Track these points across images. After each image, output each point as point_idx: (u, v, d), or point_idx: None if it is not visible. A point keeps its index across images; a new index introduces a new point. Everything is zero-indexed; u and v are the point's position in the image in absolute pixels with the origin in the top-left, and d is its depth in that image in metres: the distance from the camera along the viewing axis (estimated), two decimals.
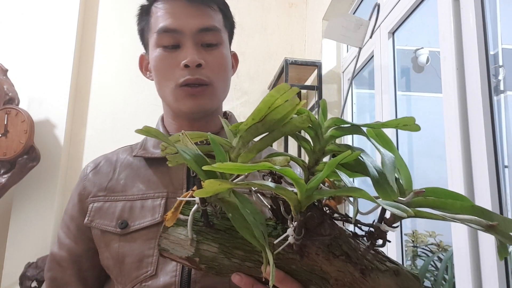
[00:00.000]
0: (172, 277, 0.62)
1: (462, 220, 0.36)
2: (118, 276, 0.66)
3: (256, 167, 0.36)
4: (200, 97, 0.71)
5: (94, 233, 0.69)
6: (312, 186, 0.36)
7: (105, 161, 0.76)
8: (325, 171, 0.36)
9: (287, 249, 0.40)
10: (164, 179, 0.70)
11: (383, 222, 0.39)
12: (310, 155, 0.43)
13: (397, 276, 0.39)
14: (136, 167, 0.73)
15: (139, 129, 0.43)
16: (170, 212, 0.43)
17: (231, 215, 0.40)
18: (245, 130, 0.41)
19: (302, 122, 0.41)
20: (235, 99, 2.44)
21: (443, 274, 1.45)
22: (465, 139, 1.00)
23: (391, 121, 0.41)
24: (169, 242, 0.43)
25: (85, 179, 0.74)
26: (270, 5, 2.65)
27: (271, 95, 0.39)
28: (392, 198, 0.37)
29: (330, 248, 0.40)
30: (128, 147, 0.79)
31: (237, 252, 0.42)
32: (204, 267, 0.43)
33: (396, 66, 1.58)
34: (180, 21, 0.70)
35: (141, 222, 0.66)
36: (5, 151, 2.03)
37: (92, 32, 2.49)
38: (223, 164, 0.35)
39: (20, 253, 2.06)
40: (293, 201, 0.38)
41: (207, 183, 0.35)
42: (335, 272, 0.39)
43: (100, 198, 0.71)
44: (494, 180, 0.92)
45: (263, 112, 0.40)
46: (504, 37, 1.14)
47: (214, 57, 0.72)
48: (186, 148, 0.40)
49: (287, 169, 0.35)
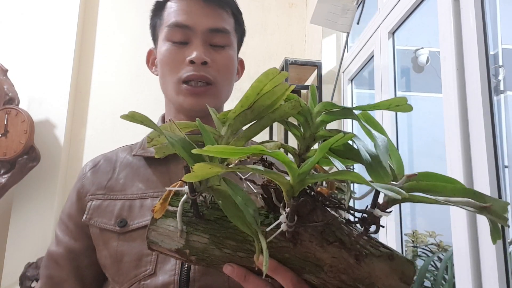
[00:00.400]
0: (171, 276, 0.62)
1: (456, 202, 0.35)
2: (116, 275, 0.65)
3: (247, 151, 0.34)
4: (203, 96, 0.71)
5: (93, 231, 0.69)
6: (304, 170, 0.35)
7: (104, 160, 0.76)
8: (318, 154, 0.35)
9: (280, 237, 0.39)
10: (163, 179, 0.70)
11: (376, 207, 0.39)
12: (301, 141, 0.42)
13: (391, 260, 0.39)
14: (135, 166, 0.73)
15: (124, 115, 0.42)
16: (159, 204, 0.42)
17: (222, 203, 0.38)
18: (234, 118, 0.40)
19: (292, 108, 0.40)
20: (235, 99, 2.42)
21: (443, 274, 1.45)
22: (465, 139, 1.00)
23: (383, 101, 0.40)
24: (157, 235, 0.42)
25: (84, 178, 0.74)
26: (270, 5, 2.65)
27: (259, 80, 0.38)
28: (385, 181, 0.36)
29: (323, 235, 0.39)
30: (128, 147, 0.79)
31: (228, 242, 0.41)
32: (195, 259, 0.42)
33: (396, 66, 1.58)
34: (193, 18, 0.71)
35: (140, 221, 0.66)
36: (5, 151, 2.03)
37: (92, 32, 2.49)
38: (213, 147, 0.33)
39: (20, 253, 2.06)
40: (285, 185, 0.37)
41: (197, 167, 0.33)
42: (330, 258, 0.39)
43: (99, 196, 0.71)
44: (494, 180, 0.92)
45: (252, 99, 0.39)
46: (504, 37, 1.14)
47: (221, 57, 0.73)
48: (174, 135, 0.39)
49: (279, 152, 0.34)
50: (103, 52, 2.47)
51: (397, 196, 0.33)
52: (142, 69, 2.35)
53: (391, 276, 0.38)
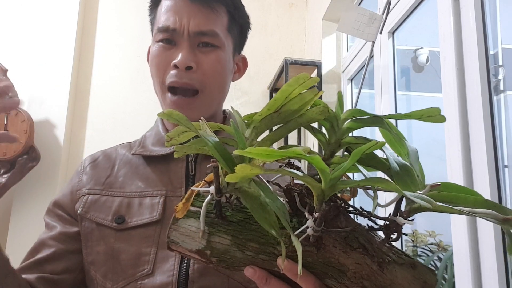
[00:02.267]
0: (169, 277, 0.61)
1: (479, 214, 0.36)
2: (109, 272, 0.64)
3: (286, 153, 0.35)
4: (188, 109, 0.69)
5: (86, 225, 0.68)
6: (336, 176, 0.36)
7: (103, 156, 0.76)
8: (351, 160, 0.35)
9: (303, 242, 0.39)
10: (163, 178, 0.69)
11: (398, 215, 0.39)
12: (326, 147, 0.42)
13: (414, 269, 0.39)
14: (135, 164, 0.73)
15: (161, 112, 0.42)
16: (181, 203, 0.42)
17: (249, 205, 0.38)
18: (259, 120, 0.40)
19: (319, 113, 0.39)
20: (235, 99, 2.44)
21: (443, 273, 1.45)
22: (465, 139, 1.00)
23: (415, 112, 0.40)
24: (179, 234, 0.42)
25: (83, 172, 0.74)
26: (270, 5, 2.65)
27: (289, 84, 0.38)
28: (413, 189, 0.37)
29: (347, 240, 0.39)
30: (127, 144, 0.78)
31: (250, 244, 0.40)
32: (215, 260, 0.42)
33: (396, 66, 1.58)
34: (179, 21, 0.69)
35: (139, 219, 0.66)
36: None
37: (92, 32, 2.49)
38: (255, 148, 0.33)
39: (20, 253, 2.06)
40: (317, 190, 0.37)
41: (239, 168, 0.34)
42: (353, 264, 0.39)
43: (97, 192, 0.70)
44: (494, 180, 0.92)
45: (280, 102, 0.39)
46: (503, 37, 1.14)
47: (208, 60, 0.70)
48: (207, 135, 0.39)
49: (315, 156, 0.34)
50: (103, 52, 2.47)
51: (428, 205, 0.34)
52: (142, 69, 2.35)
53: (413, 284, 0.39)
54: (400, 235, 0.40)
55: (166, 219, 0.66)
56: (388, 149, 0.40)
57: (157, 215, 0.65)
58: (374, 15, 0.93)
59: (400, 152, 0.42)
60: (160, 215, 0.65)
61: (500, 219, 0.35)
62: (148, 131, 0.79)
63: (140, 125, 2.40)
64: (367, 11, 0.92)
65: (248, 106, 2.46)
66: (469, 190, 0.39)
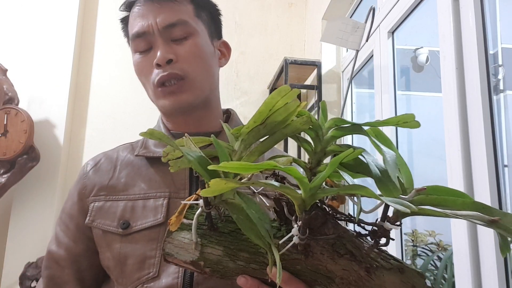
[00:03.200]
0: (175, 279, 0.62)
1: (465, 216, 0.36)
2: (119, 277, 0.65)
3: (261, 166, 0.36)
4: (178, 93, 0.70)
5: (95, 233, 0.69)
6: (315, 185, 0.37)
7: (105, 159, 0.76)
8: (328, 169, 0.36)
9: (292, 250, 0.40)
10: (166, 179, 0.69)
11: (386, 220, 0.40)
12: (312, 156, 0.43)
13: (402, 273, 0.40)
14: (137, 166, 0.72)
15: (143, 132, 0.43)
16: (174, 217, 0.43)
17: (235, 217, 0.40)
18: (247, 133, 0.41)
19: (303, 123, 0.41)
20: (235, 99, 2.44)
21: (442, 273, 1.45)
22: (464, 138, 1.00)
23: (391, 118, 0.41)
24: (173, 247, 0.43)
25: (85, 177, 0.74)
26: (270, 5, 2.65)
27: (272, 97, 0.39)
28: (394, 194, 0.37)
29: (334, 247, 0.40)
30: (129, 145, 0.78)
31: (242, 254, 0.42)
32: (209, 271, 0.43)
33: (395, 65, 1.58)
34: (146, 22, 0.70)
35: (143, 222, 0.66)
36: (4, 151, 2.03)
37: (92, 32, 2.49)
38: (229, 163, 0.35)
39: (20, 253, 2.06)
40: (297, 200, 0.38)
41: (213, 182, 0.35)
42: (340, 271, 0.39)
43: (101, 198, 0.70)
44: (493, 180, 0.92)
45: (265, 115, 0.40)
46: (503, 37, 1.14)
47: (186, 48, 0.71)
48: (190, 151, 0.41)
49: (291, 167, 0.35)
50: (103, 52, 2.47)
51: (406, 210, 0.34)
52: None
53: None
54: (389, 240, 0.40)
55: None
56: (370, 155, 0.40)
57: (161, 217, 0.66)
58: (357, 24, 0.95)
59: None
60: (164, 217, 0.66)
61: (487, 220, 0.35)
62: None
63: (140, 125, 2.40)
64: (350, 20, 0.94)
65: (248, 106, 2.46)
66: (458, 192, 0.39)
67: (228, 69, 2.44)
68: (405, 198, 0.39)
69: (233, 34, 2.52)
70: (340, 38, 0.98)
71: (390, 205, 0.36)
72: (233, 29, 2.54)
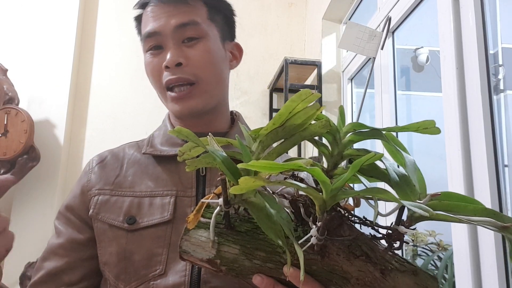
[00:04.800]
0: (182, 277, 0.62)
1: (478, 222, 0.37)
2: (122, 273, 0.64)
3: (287, 166, 0.37)
4: (188, 99, 0.70)
5: (98, 226, 0.68)
6: (337, 186, 0.37)
7: (111, 156, 0.75)
8: (350, 172, 0.37)
9: (308, 250, 0.40)
10: (173, 177, 0.69)
11: (400, 224, 0.40)
12: (329, 159, 0.44)
13: (415, 276, 0.40)
14: (144, 164, 0.72)
15: (171, 130, 0.44)
16: (192, 215, 0.44)
17: (256, 216, 0.40)
18: (265, 135, 0.42)
19: (321, 127, 0.42)
20: (235, 99, 2.44)
21: (443, 273, 1.45)
22: (465, 138, 1.00)
23: (412, 124, 0.42)
24: (190, 244, 0.44)
25: (91, 172, 0.73)
26: (270, 5, 2.65)
27: (292, 100, 0.40)
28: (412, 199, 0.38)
29: (350, 249, 0.41)
30: (135, 143, 0.78)
31: (258, 253, 0.42)
32: (225, 269, 0.43)
33: (396, 65, 1.58)
34: (159, 23, 0.71)
35: (150, 219, 0.65)
36: (5, 151, 2.03)
37: (92, 32, 2.49)
38: (258, 162, 0.36)
39: (20, 253, 2.06)
40: (318, 200, 0.38)
41: (242, 180, 0.36)
42: (356, 272, 0.40)
43: (107, 192, 0.70)
44: (494, 180, 0.92)
45: (284, 117, 0.41)
46: (503, 36, 1.14)
47: (196, 52, 0.70)
48: (216, 150, 0.41)
49: (316, 168, 0.36)
50: (103, 52, 2.47)
51: (425, 214, 0.35)
52: (142, 69, 2.34)
53: None
54: (403, 243, 0.41)
55: (177, 219, 0.66)
56: (388, 160, 0.42)
57: (168, 215, 0.65)
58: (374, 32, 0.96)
59: (402, 162, 0.44)
60: (171, 215, 0.65)
61: (499, 226, 0.36)
62: (156, 131, 0.79)
63: (140, 125, 2.40)
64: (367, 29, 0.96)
65: (248, 105, 2.46)
66: (470, 199, 0.40)
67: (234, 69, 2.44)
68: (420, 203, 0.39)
69: None
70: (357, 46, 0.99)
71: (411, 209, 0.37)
72: None
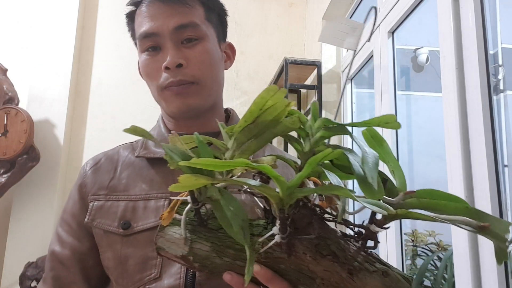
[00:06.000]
0: (177, 280, 0.61)
1: (453, 221, 0.36)
2: (119, 277, 0.65)
3: (233, 163, 0.36)
4: (187, 96, 0.70)
5: (96, 232, 0.68)
6: (293, 184, 0.37)
7: (105, 159, 0.75)
8: (305, 170, 0.36)
9: (276, 248, 0.40)
10: (167, 180, 0.69)
11: (373, 222, 0.39)
12: (302, 155, 0.44)
13: (385, 277, 0.39)
14: (138, 166, 0.72)
15: (126, 128, 0.43)
16: (166, 212, 0.44)
17: (217, 214, 0.40)
18: (239, 131, 0.42)
19: (292, 123, 0.41)
20: (235, 99, 2.44)
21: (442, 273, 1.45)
22: (464, 138, 1.00)
23: (373, 119, 0.41)
24: (165, 241, 0.44)
25: (85, 176, 0.73)
26: (270, 5, 2.65)
27: (261, 97, 0.39)
28: (378, 197, 0.37)
29: (317, 247, 0.40)
30: (129, 145, 0.77)
31: (228, 251, 0.42)
32: (198, 266, 0.44)
33: (395, 65, 1.58)
34: (157, 23, 0.69)
35: (145, 223, 0.65)
36: (4, 151, 2.03)
37: (92, 32, 2.49)
38: (199, 159, 0.35)
39: (20, 253, 2.06)
40: (274, 198, 0.38)
41: (182, 178, 0.36)
42: (322, 271, 0.39)
43: (101, 197, 0.69)
44: (493, 180, 0.92)
45: (255, 114, 0.41)
46: (503, 37, 1.14)
47: (195, 54, 0.70)
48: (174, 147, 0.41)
49: (265, 166, 0.35)
50: (103, 52, 2.47)
51: (383, 212, 0.34)
52: None
53: None
54: (377, 243, 0.40)
55: None
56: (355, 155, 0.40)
57: None
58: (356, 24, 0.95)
59: (384, 158, 0.43)
60: None
61: (475, 226, 0.35)
62: (149, 131, 0.78)
63: (140, 125, 2.38)
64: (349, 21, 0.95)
65: (248, 106, 2.45)
66: (452, 196, 0.39)
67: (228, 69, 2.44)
68: (392, 201, 0.39)
69: (233, 34, 2.52)
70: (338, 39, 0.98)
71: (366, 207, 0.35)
72: (233, 29, 2.53)
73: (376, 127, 0.42)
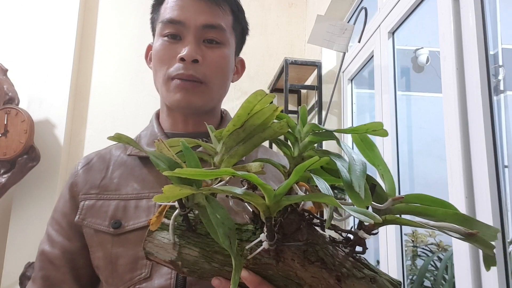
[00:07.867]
0: (167, 280, 0.61)
1: (441, 227, 0.36)
2: (109, 277, 0.64)
3: (218, 173, 0.36)
4: (191, 93, 0.69)
5: (86, 231, 0.67)
6: (280, 192, 0.36)
7: (97, 158, 0.74)
8: (292, 177, 0.36)
9: (264, 254, 0.40)
10: (159, 179, 0.68)
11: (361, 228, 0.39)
12: (291, 160, 0.44)
13: (373, 283, 0.39)
14: (130, 165, 0.71)
15: (111, 136, 0.43)
16: (155, 216, 0.43)
17: (204, 220, 0.40)
18: (227, 136, 0.42)
19: (280, 127, 0.41)
20: (235, 99, 2.44)
21: (443, 274, 1.45)
22: (465, 139, 1.00)
23: (361, 126, 0.41)
24: (153, 246, 0.44)
25: (76, 175, 0.72)
26: (270, 5, 2.65)
27: (248, 101, 0.39)
28: (365, 203, 0.36)
29: (305, 254, 0.39)
30: (121, 144, 0.76)
31: (216, 256, 0.42)
32: (186, 271, 0.43)
33: (396, 66, 1.58)
34: (186, 14, 0.69)
35: (136, 222, 0.65)
36: (5, 151, 2.03)
37: (92, 32, 2.49)
38: (183, 169, 0.35)
39: (20, 253, 2.06)
40: (261, 206, 0.38)
41: (166, 188, 0.35)
42: (309, 278, 0.39)
43: (92, 196, 0.69)
44: (494, 180, 0.92)
45: (243, 118, 0.40)
46: (504, 37, 1.14)
47: (213, 55, 0.70)
48: (160, 155, 0.41)
49: (251, 174, 0.35)
50: (103, 52, 2.47)
51: (370, 221, 0.34)
52: (142, 69, 2.35)
53: None
54: (365, 248, 0.40)
55: None
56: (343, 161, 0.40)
57: None
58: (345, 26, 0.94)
59: (374, 162, 0.43)
60: None
61: (463, 233, 0.35)
62: (143, 131, 0.78)
63: (140, 125, 2.39)
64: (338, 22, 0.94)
65: None
66: (441, 201, 0.39)
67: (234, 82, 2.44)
68: (380, 207, 0.38)
69: None
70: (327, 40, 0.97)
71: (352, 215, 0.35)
72: None
73: None
